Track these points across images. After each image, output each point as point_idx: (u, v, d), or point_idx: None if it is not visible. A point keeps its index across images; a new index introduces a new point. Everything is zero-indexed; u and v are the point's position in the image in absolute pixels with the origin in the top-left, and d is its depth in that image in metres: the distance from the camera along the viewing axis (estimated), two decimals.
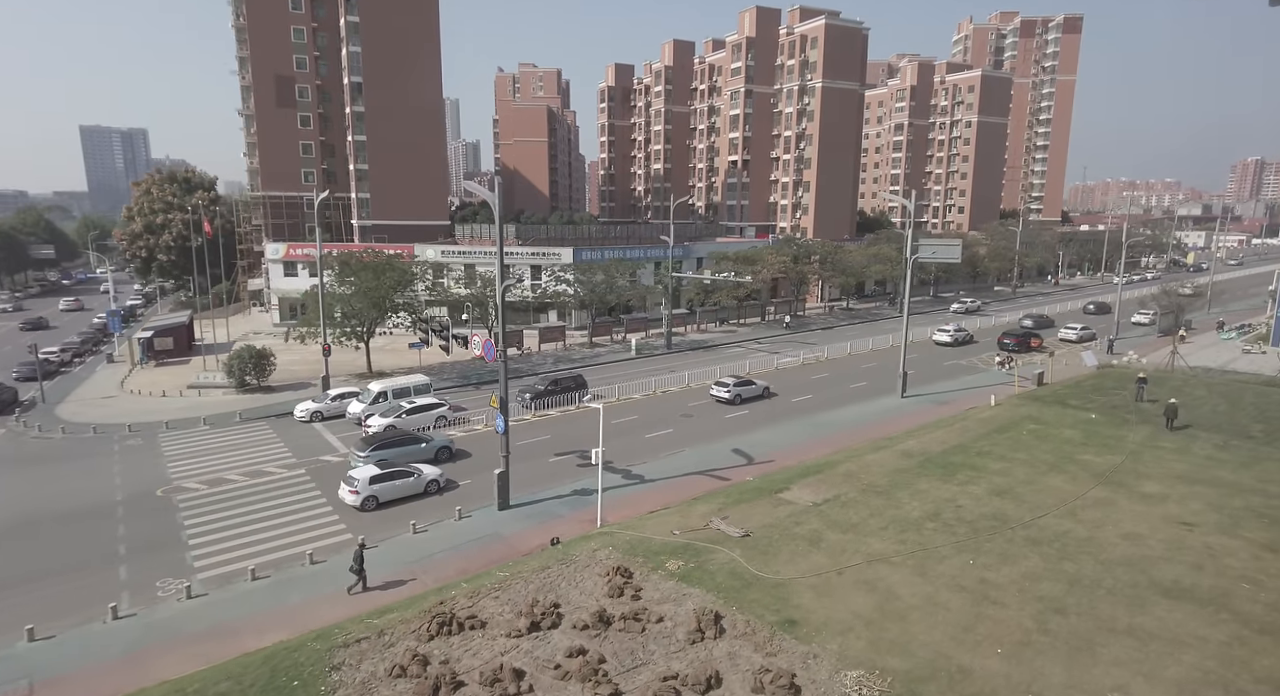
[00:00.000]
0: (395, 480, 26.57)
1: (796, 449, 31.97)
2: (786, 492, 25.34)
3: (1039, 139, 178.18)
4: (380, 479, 26.21)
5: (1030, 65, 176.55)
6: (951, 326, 61.83)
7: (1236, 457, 28.50)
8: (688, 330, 66.65)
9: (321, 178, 76.67)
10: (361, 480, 25.84)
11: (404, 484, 26.71)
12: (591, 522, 24.12)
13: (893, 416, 37.39)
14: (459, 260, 65.75)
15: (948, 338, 59.82)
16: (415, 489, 26.99)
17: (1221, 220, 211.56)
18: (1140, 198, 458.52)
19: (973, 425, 33.55)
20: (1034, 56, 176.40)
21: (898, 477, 26.51)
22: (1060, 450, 29.40)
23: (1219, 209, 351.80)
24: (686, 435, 34.89)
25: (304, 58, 72.96)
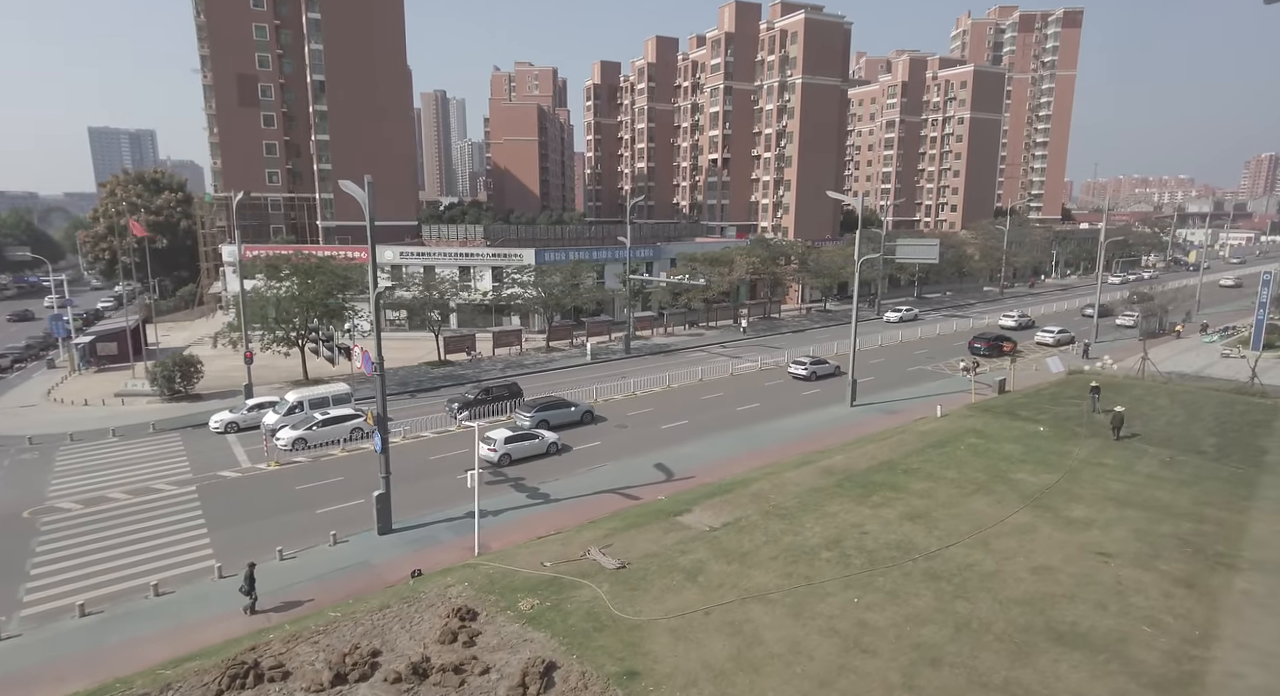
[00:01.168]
0: (525, 441, 31.51)
1: (723, 463, 30.29)
2: (686, 515, 23.64)
3: (1038, 135, 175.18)
4: (513, 440, 31.13)
5: (1029, 60, 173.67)
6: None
7: (1180, 475, 26.56)
8: (654, 333, 64.95)
9: (287, 178, 75.37)
10: (499, 440, 30.73)
11: (531, 445, 31.59)
12: (472, 550, 22.54)
13: (836, 427, 35.65)
14: (417, 261, 64.33)
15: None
16: (539, 450, 31.82)
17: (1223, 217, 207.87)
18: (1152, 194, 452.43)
19: (910, 439, 31.72)
20: (1033, 51, 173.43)
21: (810, 498, 24.76)
22: (994, 468, 27.55)
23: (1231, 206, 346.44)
24: (615, 448, 33.24)
25: (266, 56, 71.59)
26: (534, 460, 31.09)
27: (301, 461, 31.51)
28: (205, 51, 70.67)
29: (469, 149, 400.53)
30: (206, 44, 70.10)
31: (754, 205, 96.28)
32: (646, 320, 65.71)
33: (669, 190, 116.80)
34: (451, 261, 64.35)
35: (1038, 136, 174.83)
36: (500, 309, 62.63)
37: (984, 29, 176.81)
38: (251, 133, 72.54)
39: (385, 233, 72.37)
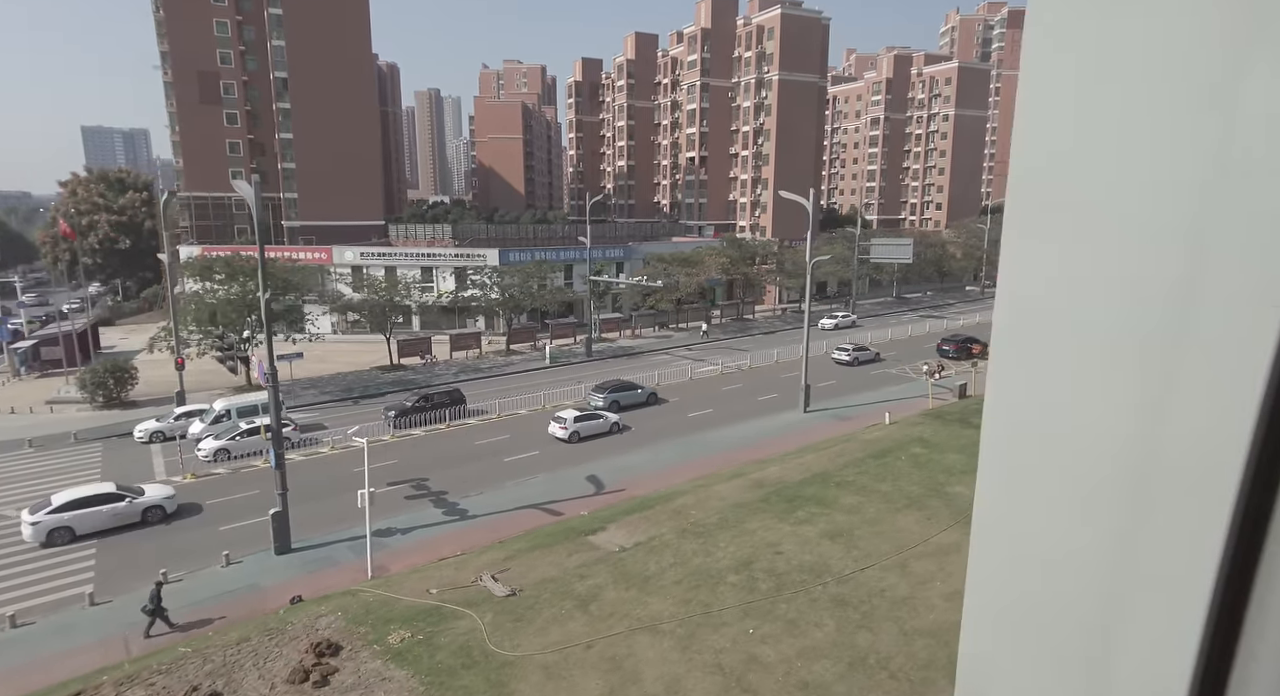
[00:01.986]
0: (592, 421, 34.88)
1: (659, 474, 29.11)
2: (599, 534, 22.46)
3: None
4: (582, 419, 34.44)
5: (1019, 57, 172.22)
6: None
7: None
8: (621, 336, 63.75)
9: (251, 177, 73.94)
10: (569, 419, 33.99)
11: (596, 424, 34.85)
12: (377, 570, 21.37)
13: (784, 434, 34.51)
14: (378, 262, 63.04)
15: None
16: (603, 429, 34.90)
17: None
18: None
19: (853, 448, 30.56)
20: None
21: (732, 514, 23.58)
22: (933, 480, 26.39)
23: None
24: (552, 458, 32.07)
25: (228, 52, 70.27)
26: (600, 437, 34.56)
27: (221, 473, 30.31)
28: (165, 47, 69.28)
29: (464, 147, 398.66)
30: (166, 40, 68.70)
31: (732, 204, 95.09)
32: (614, 322, 64.52)
33: (650, 189, 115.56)
34: (413, 262, 63.10)
35: None
36: (464, 311, 61.40)
37: (973, 25, 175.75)
38: (214, 131, 71.21)
39: (350, 232, 71.24)
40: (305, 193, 71.54)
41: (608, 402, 38.35)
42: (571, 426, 33.85)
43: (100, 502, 23.87)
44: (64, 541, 23.16)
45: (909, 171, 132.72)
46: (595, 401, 38.77)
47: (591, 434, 34.42)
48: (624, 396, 39.41)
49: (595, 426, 34.76)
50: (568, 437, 33.57)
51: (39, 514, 23.15)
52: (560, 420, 34.20)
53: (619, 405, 38.46)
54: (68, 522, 23.23)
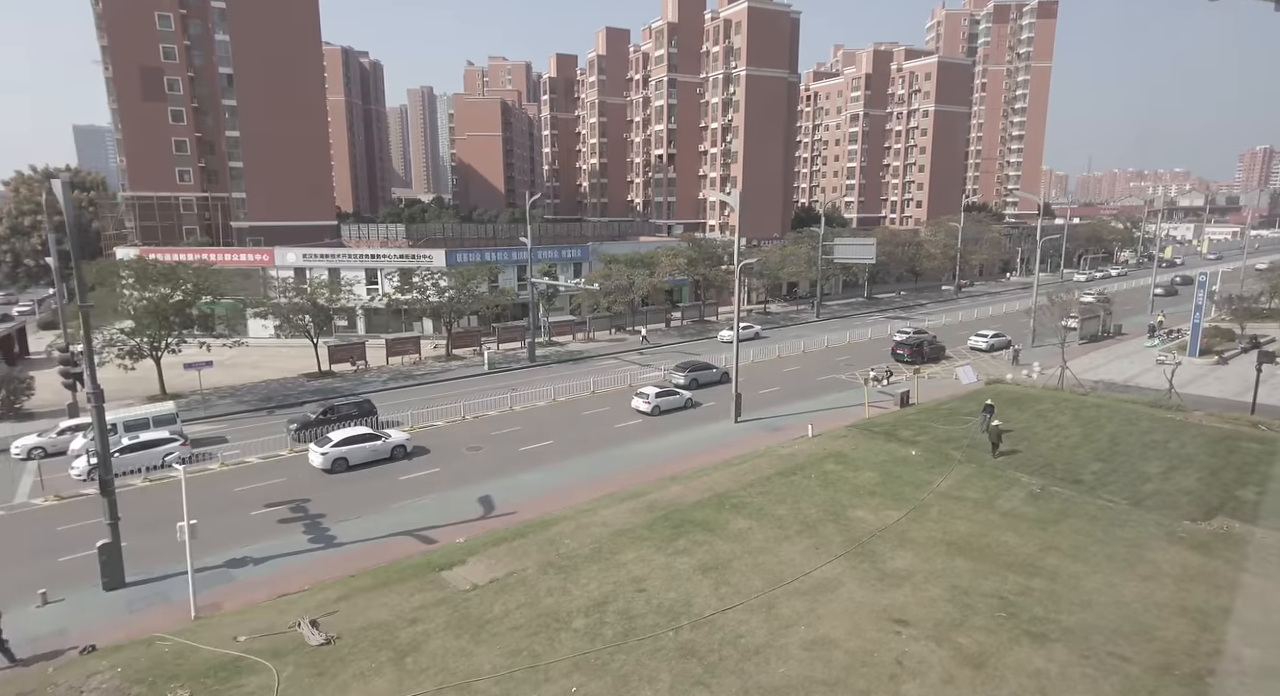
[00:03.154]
0: (670, 397, 39.13)
1: (557, 494, 27.23)
2: (457, 568, 20.59)
3: (1015, 129, 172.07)
4: (663, 395, 38.77)
5: (1005, 52, 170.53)
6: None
7: (1041, 512, 23.58)
8: (575, 339, 61.83)
9: (201, 176, 72.00)
10: (651, 395, 38.39)
11: (674, 400, 39.14)
12: (209, 607, 19.50)
13: (706, 448, 32.66)
14: (322, 264, 61.05)
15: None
16: (679, 404, 39.39)
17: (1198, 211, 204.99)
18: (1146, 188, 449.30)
19: (764, 464, 28.69)
20: (1008, 43, 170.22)
21: (609, 544, 21.71)
22: (836, 503, 24.53)
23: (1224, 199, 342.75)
24: (455, 476, 30.16)
25: (172, 47, 68.16)
26: (679, 411, 39.04)
27: (90, 494, 28.34)
28: (105, 42, 67.11)
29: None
30: (105, 34, 66.55)
31: (702, 202, 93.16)
32: (567, 325, 62.60)
33: (623, 187, 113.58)
34: (357, 264, 61.13)
35: (1014, 130, 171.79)
36: (409, 314, 59.40)
37: (958, 20, 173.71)
38: (159, 129, 69.16)
39: (302, 233, 69.23)
40: (254, 192, 69.49)
41: (689, 381, 43.69)
42: (654, 401, 38.48)
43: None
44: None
45: (889, 169, 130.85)
46: (677, 379, 44.08)
47: (669, 409, 39.05)
48: (702, 375, 44.94)
49: (673, 402, 39.40)
50: (650, 411, 38.25)
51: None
52: (644, 395, 38.89)
53: (698, 382, 44.07)
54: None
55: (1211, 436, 31.32)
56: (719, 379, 45.02)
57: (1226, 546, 21.04)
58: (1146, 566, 19.88)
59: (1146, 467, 27.47)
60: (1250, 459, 28.24)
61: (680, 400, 39.61)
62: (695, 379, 44.16)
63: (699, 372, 44.75)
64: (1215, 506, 23.84)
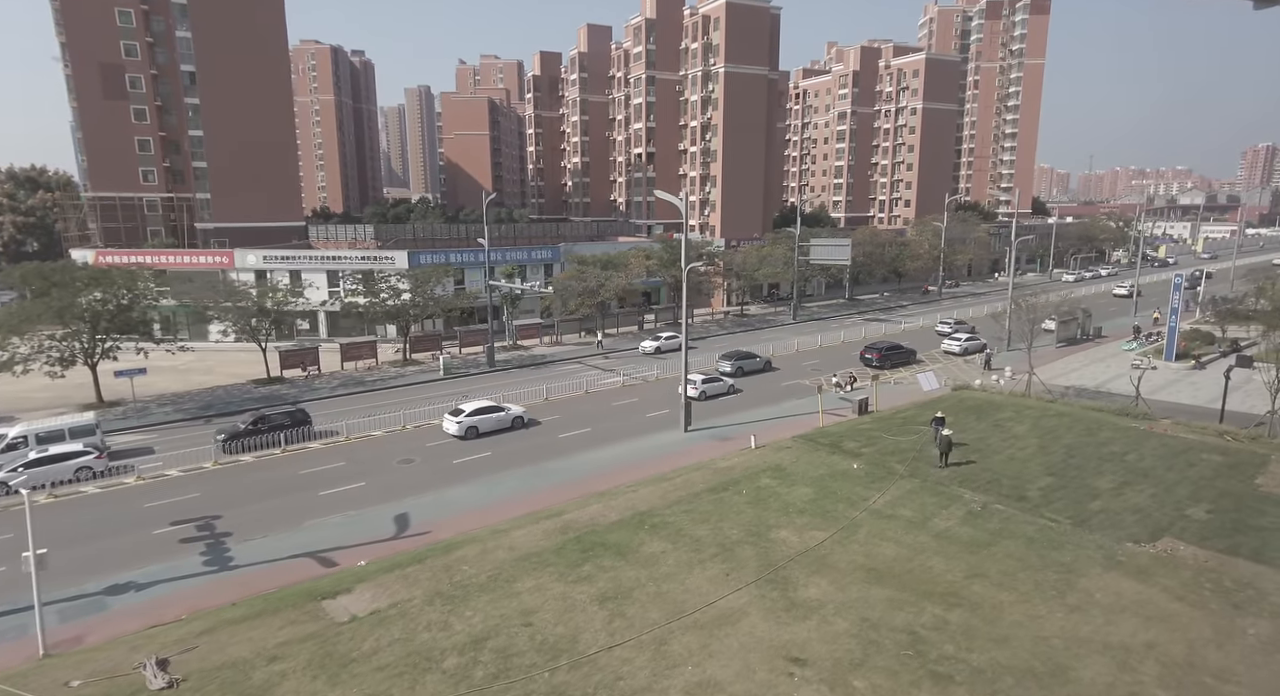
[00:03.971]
0: (716, 383, 42.13)
1: (477, 513, 25.88)
2: (342, 597, 19.27)
3: (1008, 126, 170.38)
4: (708, 381, 41.71)
5: (997, 49, 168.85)
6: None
7: (979, 532, 22.21)
8: (541, 343, 60.49)
9: (165, 176, 70.69)
10: (699, 381, 41.00)
11: (718, 386, 42.14)
12: (69, 642, 18.21)
13: (651, 458, 31.35)
14: (282, 266, 59.77)
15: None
16: (723, 390, 42.42)
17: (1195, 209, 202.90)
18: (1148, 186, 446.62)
19: (699, 478, 27.34)
20: (1001, 39, 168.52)
21: (510, 570, 20.38)
22: (761, 522, 23.17)
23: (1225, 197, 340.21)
24: (380, 491, 28.83)
25: (134, 44, 66.79)
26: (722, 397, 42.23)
27: None
28: (63, 38, 65.76)
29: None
30: (64, 30, 65.21)
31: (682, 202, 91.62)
32: (533, 328, 61.27)
33: (606, 186, 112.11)
34: (318, 266, 59.82)
35: (1007, 127, 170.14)
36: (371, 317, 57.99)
37: (950, 17, 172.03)
38: (121, 127, 67.83)
39: (268, 234, 67.93)
40: (218, 193, 68.15)
41: (734, 369, 46.65)
42: (700, 388, 41.02)
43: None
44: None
45: (877, 167, 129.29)
46: (723, 367, 46.91)
47: (713, 394, 41.81)
48: (746, 363, 47.96)
49: (717, 388, 42.14)
50: (698, 396, 40.45)
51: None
52: (692, 382, 40.47)
53: (743, 370, 47.15)
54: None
55: (1173, 448, 29.94)
56: (762, 367, 48.48)
57: (1166, 572, 19.67)
58: (1077, 595, 18.52)
59: (1098, 483, 26.09)
60: (1208, 473, 26.86)
61: (724, 386, 42.62)
62: (740, 367, 47.12)
63: (743, 361, 47.85)
64: (1163, 526, 22.48)
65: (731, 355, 48.27)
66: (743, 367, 47.22)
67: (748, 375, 46.94)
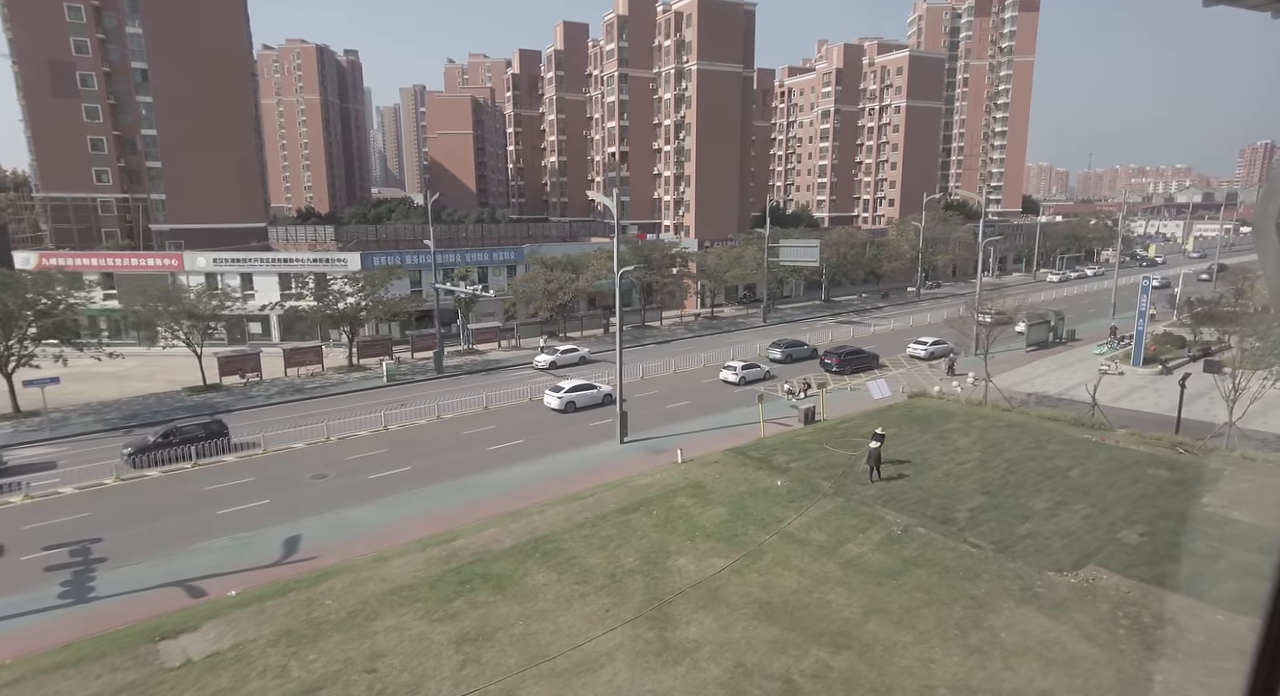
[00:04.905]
0: (753, 370, 45.38)
1: (373, 536, 24.29)
2: (183, 637, 17.70)
3: (998, 124, 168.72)
4: (747, 368, 45.09)
5: (987, 46, 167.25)
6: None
7: (892, 559, 20.63)
8: (499, 347, 58.90)
9: (120, 176, 69.08)
10: (739, 367, 44.92)
11: (756, 372, 45.35)
12: None
13: (578, 473, 29.85)
14: (233, 269, 58.22)
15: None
16: (760, 376, 45.15)
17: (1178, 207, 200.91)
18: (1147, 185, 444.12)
19: (611, 498, 25.75)
20: (990, 37, 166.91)
21: (373, 605, 18.81)
22: (662, 548, 21.60)
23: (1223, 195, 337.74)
24: (279, 509, 27.31)
25: (85, 40, 65.20)
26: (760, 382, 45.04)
27: None
28: (10, 34, 64.09)
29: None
30: (10, 26, 63.54)
31: (657, 202, 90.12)
32: (491, 332, 59.65)
33: (584, 186, 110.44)
34: (269, 268, 58.25)
35: (997, 126, 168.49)
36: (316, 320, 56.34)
37: (939, 14, 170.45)
38: (73, 126, 66.26)
39: (226, 236, 66.37)
40: (174, 193, 66.53)
41: (784, 356, 50.22)
42: (740, 374, 44.50)
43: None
44: None
45: (862, 166, 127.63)
46: (773, 354, 50.40)
47: (752, 380, 44.71)
48: (795, 351, 51.26)
49: (755, 374, 45.30)
50: (738, 381, 44.31)
51: None
52: (731, 368, 45.11)
53: (792, 357, 50.63)
54: None
55: (1121, 462, 28.37)
56: (809, 355, 51.66)
57: (1083, 605, 18.09)
58: (981, 635, 16.95)
59: (1033, 502, 24.52)
60: (1151, 490, 25.29)
61: (760, 372, 45.67)
62: (790, 354, 50.56)
63: (793, 348, 51.23)
64: (1091, 552, 20.91)
65: (781, 343, 51.92)
66: (791, 355, 50.65)
67: (797, 362, 50.13)
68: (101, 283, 56.78)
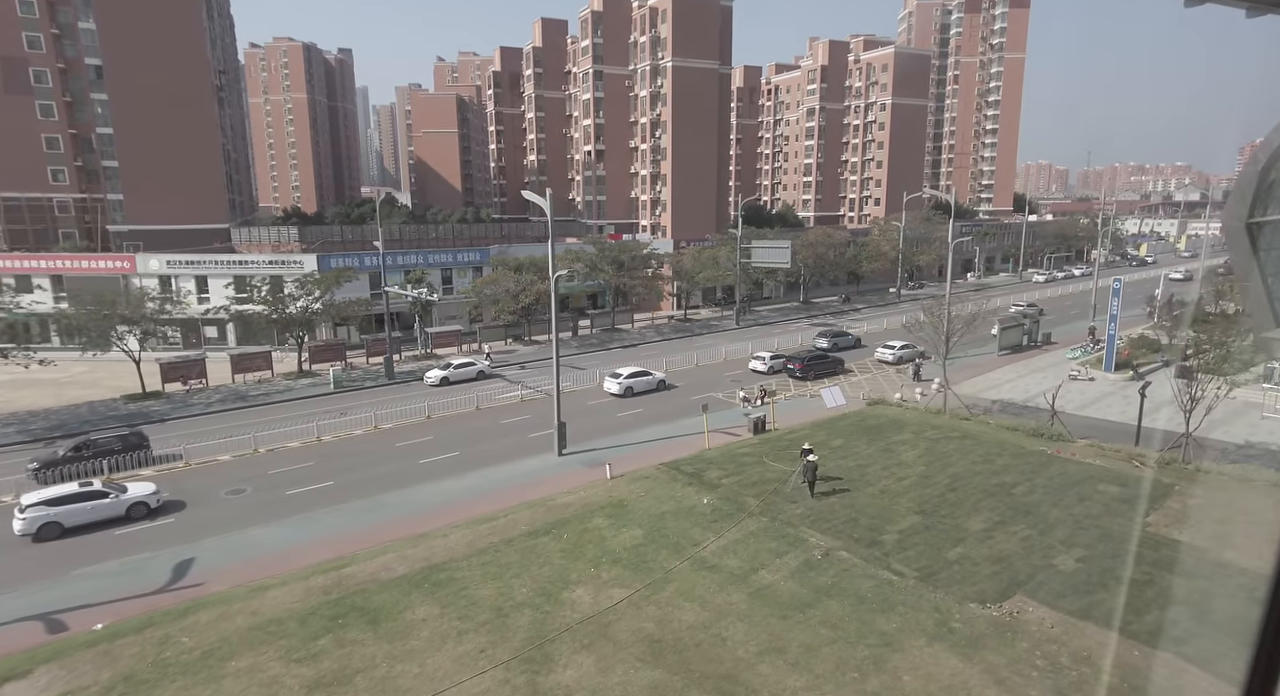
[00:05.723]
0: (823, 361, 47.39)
1: (272, 559, 22.86)
2: (8, 686, 16.24)
3: (989, 122, 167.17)
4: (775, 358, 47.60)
5: (977, 43, 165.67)
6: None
7: (804, 588, 19.15)
8: (460, 351, 57.38)
9: (78, 176, 67.56)
10: (766, 357, 47.62)
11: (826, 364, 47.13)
12: None
13: (505, 488, 28.44)
14: (187, 271, 56.75)
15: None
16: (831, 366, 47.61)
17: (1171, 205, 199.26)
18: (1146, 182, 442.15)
19: (526, 518, 24.29)
20: (981, 33, 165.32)
21: (235, 644, 17.34)
22: (563, 577, 20.15)
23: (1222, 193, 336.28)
24: (183, 529, 25.91)
25: (38, 36, 63.60)
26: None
27: None
28: None
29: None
30: None
31: (634, 201, 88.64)
32: (452, 335, 58.14)
33: (564, 185, 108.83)
34: (224, 270, 56.74)
35: (988, 124, 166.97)
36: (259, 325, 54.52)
37: (930, 11, 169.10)
38: (27, 124, 64.71)
39: (187, 237, 64.88)
40: (131, 193, 65.05)
41: (831, 346, 52.86)
42: (769, 364, 47.06)
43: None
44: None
45: (847, 165, 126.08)
46: (820, 343, 53.34)
47: (824, 372, 46.81)
48: (840, 340, 54.44)
49: (825, 366, 47.17)
50: (766, 370, 47.08)
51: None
52: (760, 357, 47.86)
53: (838, 347, 53.42)
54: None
55: (1072, 477, 26.92)
56: (853, 344, 54.73)
57: (999, 643, 16.64)
58: (881, 679, 15.50)
59: (969, 523, 23.06)
60: (1097, 509, 23.84)
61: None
62: (836, 343, 53.55)
63: (838, 338, 54.46)
64: (1020, 580, 19.46)
65: (827, 333, 55.35)
66: (838, 344, 53.88)
67: (841, 351, 52.82)
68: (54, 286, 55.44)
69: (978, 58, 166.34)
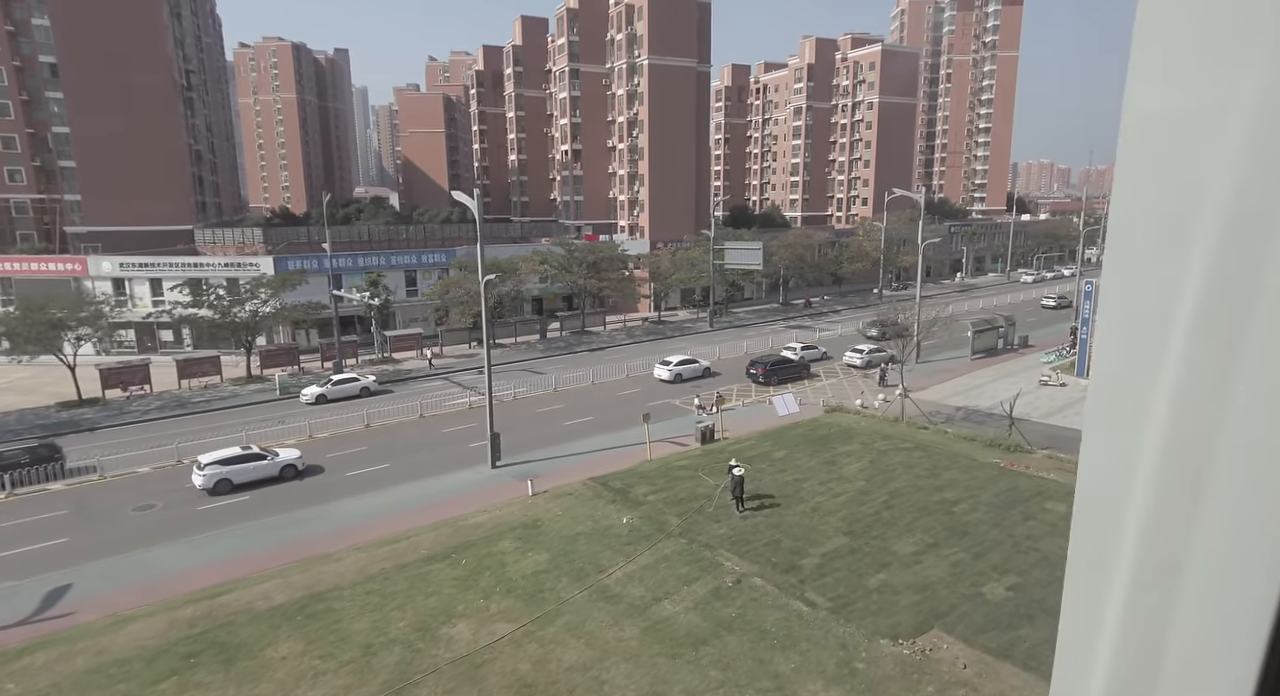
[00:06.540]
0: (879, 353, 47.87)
1: (161, 584, 21.37)
2: None
3: (982, 121, 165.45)
4: (874, 352, 48.72)
5: (970, 41, 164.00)
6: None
7: (707, 620, 17.62)
8: (420, 355, 55.89)
9: (35, 176, 66.17)
10: (865, 350, 49.27)
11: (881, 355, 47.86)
12: None
13: (427, 505, 26.95)
14: (141, 274, 55.38)
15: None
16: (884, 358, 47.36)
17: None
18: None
19: (427, 541, 22.77)
20: (973, 31, 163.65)
21: (64, 691, 15.87)
22: (446, 609, 18.63)
23: None
24: (77, 549, 24.42)
25: None
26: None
27: None
28: None
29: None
30: None
31: (612, 202, 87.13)
32: (412, 339, 56.64)
33: (545, 185, 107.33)
34: (179, 273, 55.27)
35: (981, 122, 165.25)
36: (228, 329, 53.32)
37: (922, 8, 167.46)
38: None
39: (148, 239, 63.39)
40: (90, 194, 63.66)
41: (880, 333, 53.18)
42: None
43: None
44: None
45: (835, 164, 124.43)
46: (871, 333, 56.41)
47: (879, 362, 47.84)
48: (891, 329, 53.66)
49: (880, 357, 48.32)
50: (862, 365, 48.90)
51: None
52: (859, 352, 49.63)
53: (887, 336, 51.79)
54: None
55: (1021, 493, 25.38)
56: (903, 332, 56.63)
57: (903, 687, 15.12)
58: None
59: (899, 546, 21.53)
60: (1041, 529, 22.30)
61: (886, 355, 47.57)
62: (884, 332, 52.03)
63: (887, 328, 53.83)
64: (942, 611, 17.92)
65: (877, 323, 55.61)
66: (886, 333, 53.74)
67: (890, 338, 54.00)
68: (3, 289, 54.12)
69: (970, 56, 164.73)
